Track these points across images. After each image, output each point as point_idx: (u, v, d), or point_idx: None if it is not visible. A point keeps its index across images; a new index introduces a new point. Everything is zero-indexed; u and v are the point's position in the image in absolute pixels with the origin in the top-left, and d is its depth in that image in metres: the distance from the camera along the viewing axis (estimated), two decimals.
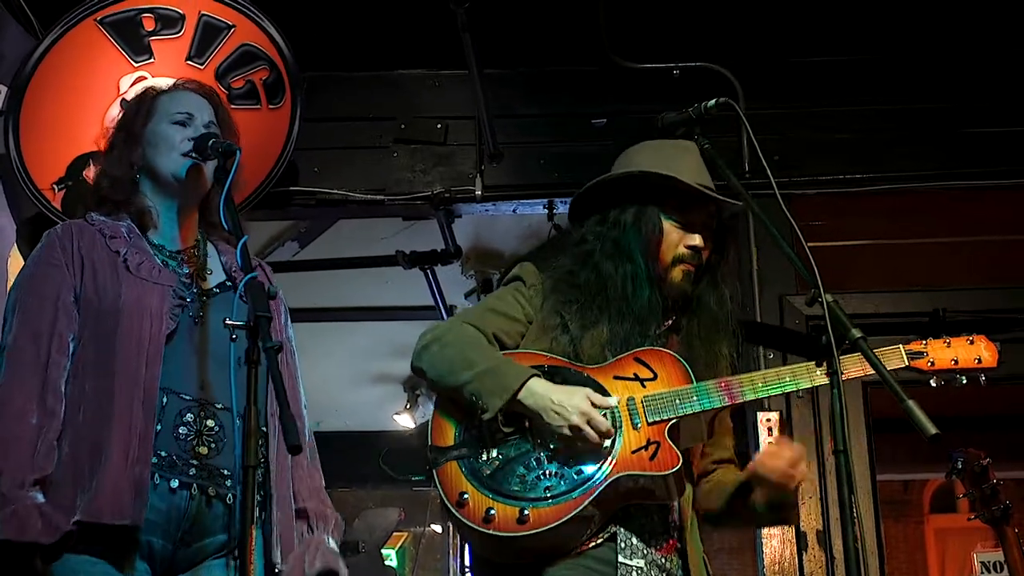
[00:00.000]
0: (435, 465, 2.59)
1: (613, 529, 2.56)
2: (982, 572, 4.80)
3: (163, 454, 2.34)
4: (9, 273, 3.96)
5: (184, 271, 2.53)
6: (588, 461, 2.53)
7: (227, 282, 2.56)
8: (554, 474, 2.53)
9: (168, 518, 2.33)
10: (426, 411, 7.48)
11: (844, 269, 4.74)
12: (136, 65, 4.18)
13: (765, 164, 2.41)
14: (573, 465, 2.53)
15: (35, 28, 4.28)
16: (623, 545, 2.55)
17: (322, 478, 2.63)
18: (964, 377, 2.68)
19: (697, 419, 2.66)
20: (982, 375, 2.68)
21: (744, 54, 4.41)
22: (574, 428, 2.51)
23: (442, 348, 2.65)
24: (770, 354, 4.09)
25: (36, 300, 2.41)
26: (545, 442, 2.56)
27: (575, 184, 2.85)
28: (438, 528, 8.60)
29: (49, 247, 2.47)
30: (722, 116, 2.58)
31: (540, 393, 2.54)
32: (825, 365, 2.33)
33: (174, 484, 2.34)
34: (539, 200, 4.41)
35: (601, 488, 2.49)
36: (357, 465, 6.53)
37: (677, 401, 2.58)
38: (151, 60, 4.18)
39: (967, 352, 2.67)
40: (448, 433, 2.62)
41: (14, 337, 2.38)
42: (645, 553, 2.56)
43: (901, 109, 4.38)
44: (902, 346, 2.66)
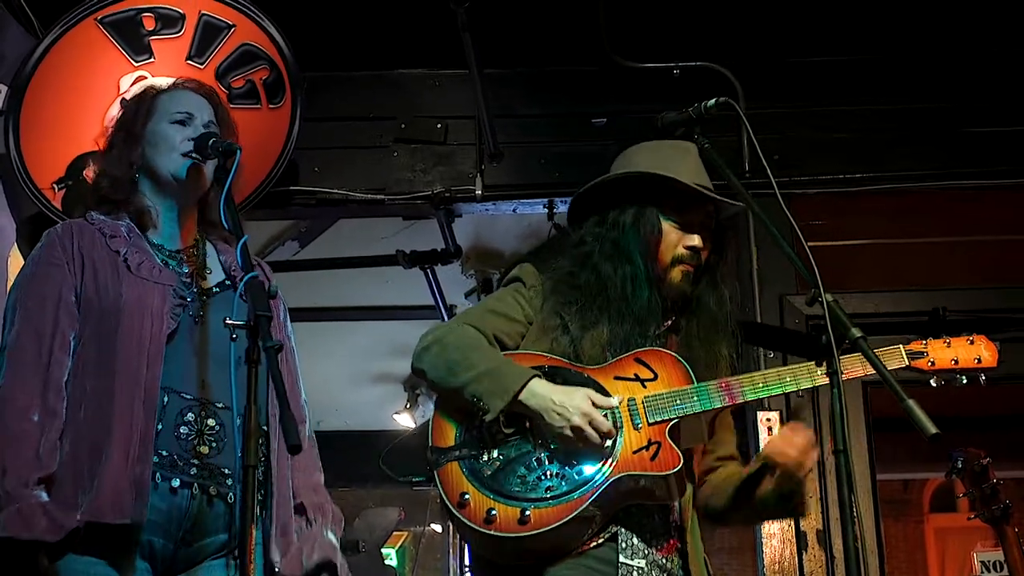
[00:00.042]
0: (436, 466, 2.59)
1: (614, 529, 2.56)
2: (982, 571, 4.79)
3: (164, 453, 2.34)
4: (9, 272, 3.95)
5: (184, 270, 2.52)
6: (589, 461, 2.53)
7: (227, 281, 2.56)
8: (555, 474, 2.52)
9: (169, 517, 2.33)
10: (426, 410, 7.48)
11: (844, 269, 4.74)
12: (136, 65, 4.18)
13: (765, 164, 2.41)
14: (574, 465, 2.53)
15: (35, 28, 4.28)
16: (624, 545, 2.54)
17: (322, 474, 2.62)
18: (964, 377, 2.68)
19: (698, 419, 2.66)
20: (982, 375, 2.68)
21: (744, 54, 4.41)
22: (575, 429, 2.50)
23: (443, 349, 2.64)
24: (770, 354, 4.09)
25: (37, 300, 2.40)
26: (546, 443, 2.56)
27: (575, 184, 2.85)
28: (438, 527, 8.59)
29: (49, 246, 2.47)
30: (722, 116, 2.57)
31: (541, 394, 2.53)
32: (825, 365, 2.32)
33: (175, 483, 2.34)
34: (539, 200, 4.41)
35: (602, 488, 2.49)
36: (357, 465, 6.51)
37: (678, 401, 2.58)
38: (151, 60, 4.18)
39: (967, 352, 2.67)
40: (449, 434, 2.62)
41: (15, 336, 2.37)
42: (646, 553, 2.56)
43: (901, 109, 4.38)
44: (902, 346, 2.66)
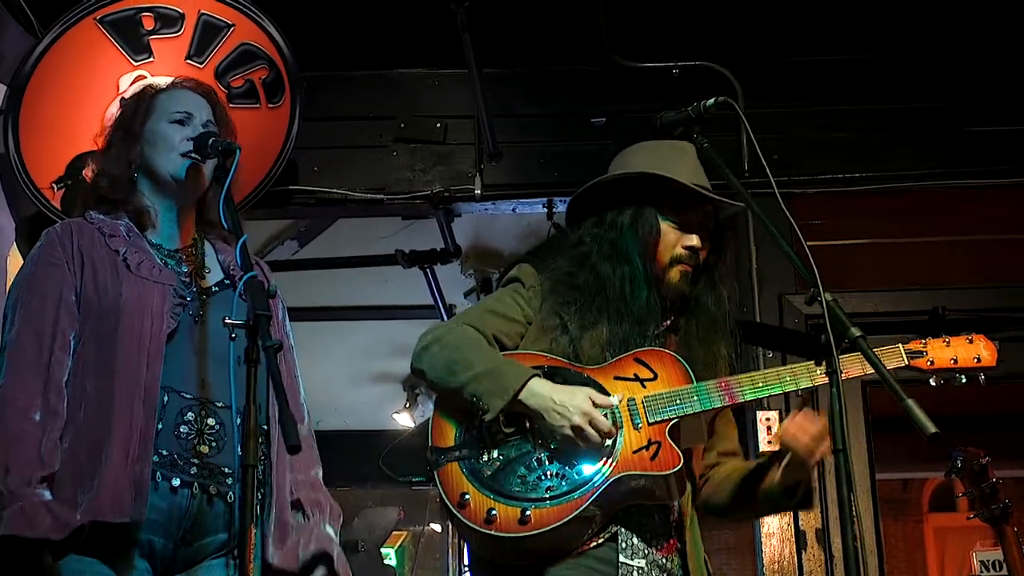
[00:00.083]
0: (436, 466, 2.59)
1: (614, 529, 2.56)
2: (981, 571, 4.79)
3: (164, 453, 2.34)
4: (8, 272, 3.96)
5: (183, 270, 2.52)
6: (589, 461, 2.53)
7: (226, 281, 2.56)
8: (555, 474, 2.52)
9: (169, 517, 2.33)
10: (425, 410, 7.48)
11: (843, 268, 4.75)
12: (136, 64, 4.18)
13: (764, 163, 2.40)
14: (574, 465, 2.53)
15: (35, 27, 4.28)
16: (624, 545, 2.54)
17: (320, 469, 2.61)
18: (963, 376, 2.68)
19: (697, 419, 2.66)
20: (981, 374, 2.67)
21: (743, 53, 4.41)
22: (576, 428, 2.50)
23: (442, 349, 2.64)
24: (769, 353, 4.09)
25: (37, 299, 2.40)
26: (546, 442, 2.56)
27: (574, 183, 2.85)
28: (437, 527, 8.59)
29: (49, 246, 2.46)
30: (721, 115, 2.57)
31: (541, 393, 2.53)
32: (824, 364, 2.32)
33: (175, 483, 2.33)
34: (538, 199, 4.41)
35: (602, 488, 2.49)
36: (357, 464, 6.50)
37: (677, 401, 2.58)
38: (151, 59, 4.18)
39: (966, 351, 2.67)
40: (448, 434, 2.62)
41: (16, 336, 2.37)
42: (646, 553, 2.56)
43: (900, 108, 4.39)
44: (901, 345, 2.66)
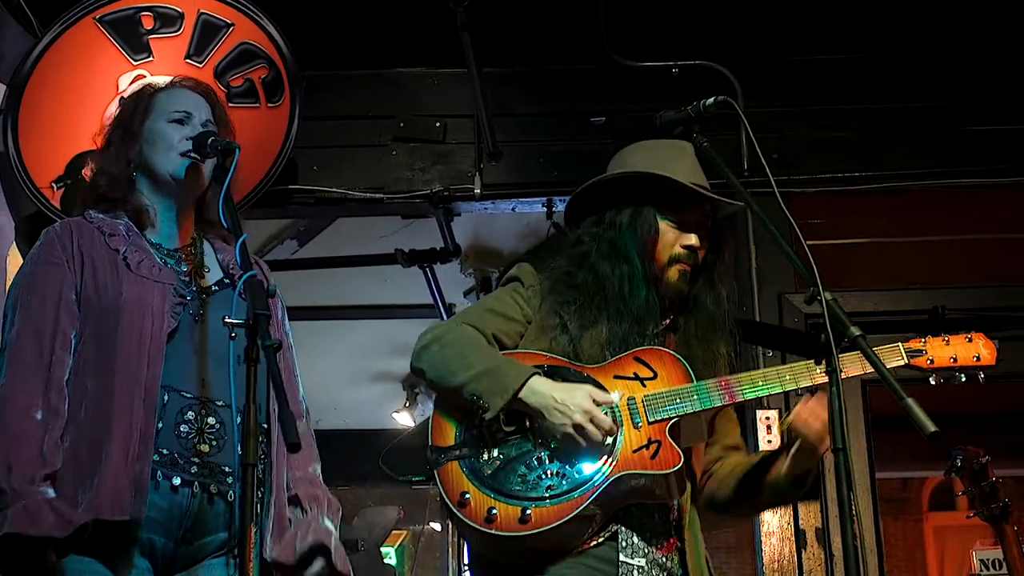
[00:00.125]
0: (436, 465, 2.59)
1: (614, 528, 2.56)
2: (981, 570, 4.79)
3: (164, 452, 2.34)
4: (8, 271, 3.96)
5: (183, 269, 2.52)
6: (589, 460, 2.53)
7: (225, 280, 2.56)
8: (555, 473, 2.52)
9: (170, 516, 2.33)
10: (425, 409, 7.48)
11: (843, 267, 4.74)
12: (135, 63, 4.18)
13: (764, 162, 2.40)
14: (574, 464, 2.53)
15: (34, 27, 4.28)
16: (624, 544, 2.54)
17: (318, 466, 2.61)
18: (963, 375, 2.67)
19: (698, 418, 2.66)
20: (981, 373, 2.67)
21: (743, 52, 4.41)
22: (577, 427, 2.50)
23: (442, 348, 2.64)
24: (769, 353, 4.09)
25: (37, 298, 2.40)
26: (546, 441, 2.55)
27: (574, 183, 2.85)
28: (437, 526, 8.59)
29: (48, 245, 2.46)
30: (721, 114, 2.57)
31: (542, 392, 2.53)
32: (824, 363, 2.31)
33: (176, 482, 2.33)
34: (538, 199, 4.41)
35: (602, 487, 2.49)
36: (356, 463, 6.50)
37: (677, 400, 2.58)
38: (150, 58, 4.18)
39: (966, 350, 2.66)
40: (448, 433, 2.62)
41: (16, 335, 2.37)
42: (646, 552, 2.56)
43: (900, 107, 4.39)
44: (901, 344, 2.65)
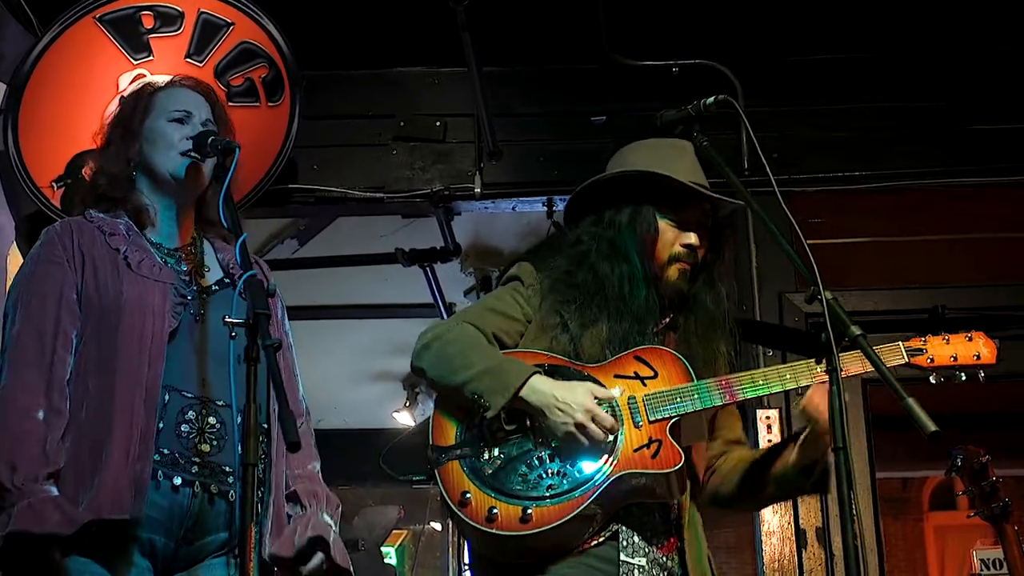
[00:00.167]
0: (437, 465, 2.58)
1: (615, 527, 2.55)
2: (981, 569, 4.79)
3: (165, 452, 2.34)
4: (8, 271, 3.96)
5: (183, 269, 2.52)
6: (590, 459, 2.52)
7: (225, 279, 2.56)
8: (556, 472, 2.52)
9: (171, 515, 2.33)
10: (426, 409, 7.48)
11: (843, 266, 4.74)
12: (135, 63, 4.18)
13: (764, 162, 2.40)
14: (575, 463, 2.53)
15: (34, 26, 4.28)
16: (625, 543, 2.54)
17: (318, 464, 2.61)
18: (963, 373, 2.67)
19: (698, 417, 2.66)
20: (981, 371, 2.67)
21: (743, 52, 4.41)
22: (579, 426, 2.50)
23: (442, 347, 2.64)
24: (769, 352, 4.09)
25: (38, 298, 2.40)
26: (547, 440, 2.55)
27: (574, 182, 2.84)
28: (438, 526, 8.59)
29: (49, 245, 2.46)
30: (721, 114, 2.57)
31: (543, 390, 2.53)
32: (825, 362, 2.31)
33: (177, 482, 2.34)
34: (538, 198, 4.41)
35: (603, 487, 2.49)
36: (357, 463, 6.50)
37: (678, 399, 2.58)
38: (150, 58, 4.18)
39: (966, 348, 2.66)
40: (449, 432, 2.62)
41: (17, 335, 2.37)
42: (647, 551, 2.55)
43: (900, 107, 4.39)
44: (901, 343, 2.65)
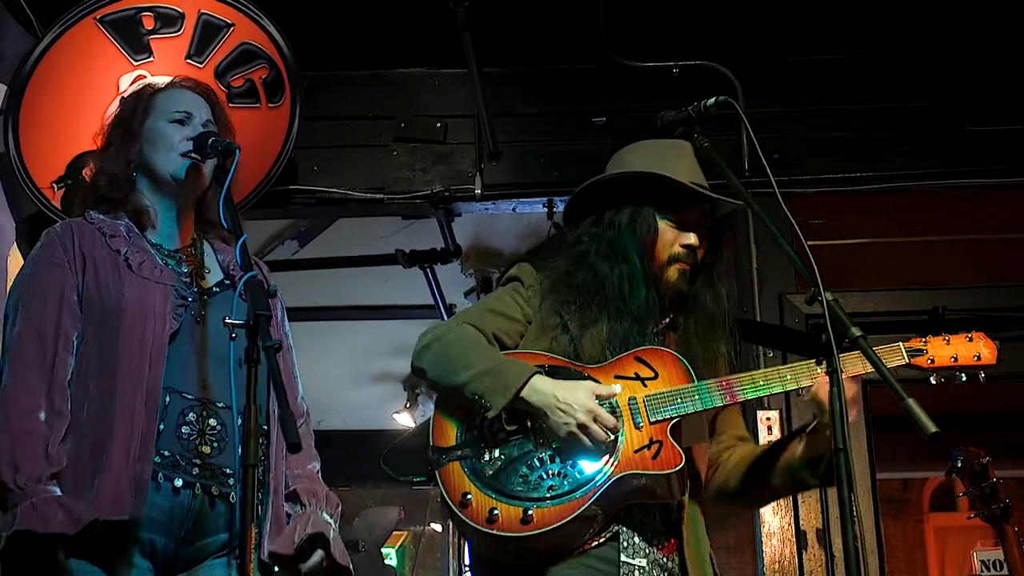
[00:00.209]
0: (437, 466, 2.58)
1: (615, 528, 2.55)
2: (982, 570, 4.79)
3: (166, 454, 2.34)
4: (9, 272, 3.96)
5: (183, 270, 2.52)
6: (591, 460, 2.53)
7: (226, 281, 2.56)
8: (557, 473, 2.52)
9: (171, 516, 2.34)
10: (426, 410, 7.47)
11: (844, 267, 4.74)
12: (136, 64, 4.18)
13: (765, 162, 2.40)
14: (576, 464, 2.53)
15: (35, 27, 4.28)
16: (625, 544, 2.54)
17: (317, 464, 2.61)
18: (964, 374, 2.67)
19: (699, 418, 2.66)
20: (981, 372, 2.67)
21: (744, 52, 4.40)
22: (581, 426, 2.50)
23: (443, 348, 2.64)
24: (770, 353, 4.09)
25: (39, 299, 2.40)
26: (548, 441, 2.55)
27: (574, 183, 2.85)
28: (438, 527, 8.59)
29: (49, 246, 2.46)
30: (722, 114, 2.57)
31: (544, 391, 2.53)
32: (825, 363, 2.32)
33: (178, 483, 2.34)
34: (538, 199, 4.41)
35: (604, 487, 2.49)
36: (357, 464, 6.51)
37: (679, 400, 2.58)
38: (151, 59, 4.18)
39: (966, 349, 2.66)
40: (450, 433, 2.62)
41: (18, 336, 2.37)
42: (647, 552, 2.56)
43: (900, 107, 4.38)
44: (902, 343, 2.65)
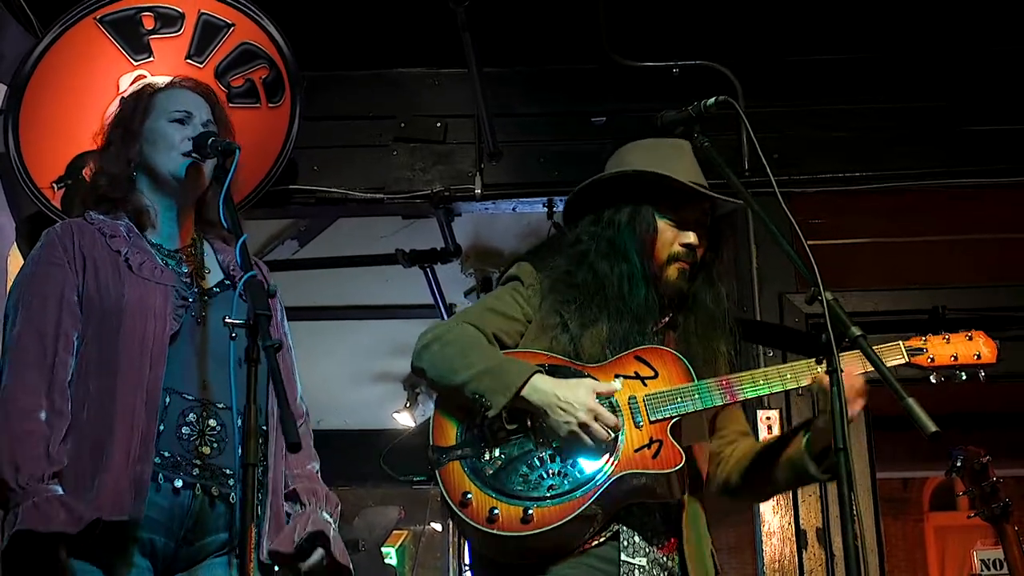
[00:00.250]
0: (437, 465, 2.58)
1: (616, 528, 2.56)
2: (982, 570, 4.79)
3: (166, 454, 2.34)
4: (9, 272, 3.96)
5: (183, 270, 2.52)
6: (591, 459, 2.53)
7: (226, 281, 2.56)
8: (557, 473, 2.52)
9: (171, 516, 2.34)
10: (426, 409, 7.48)
11: (844, 267, 4.74)
12: (136, 64, 4.18)
13: (765, 162, 2.40)
14: (576, 464, 2.53)
15: (35, 27, 4.28)
16: (626, 543, 2.54)
17: (317, 464, 2.61)
18: (964, 373, 2.67)
19: (699, 417, 2.66)
20: (981, 371, 2.67)
21: (744, 52, 4.41)
22: (582, 425, 2.50)
23: (443, 347, 2.64)
24: (770, 352, 4.09)
25: (39, 299, 2.40)
26: (548, 440, 2.56)
27: (574, 182, 2.85)
28: (438, 526, 8.59)
29: (49, 246, 2.46)
30: (722, 114, 2.57)
31: (544, 390, 2.53)
32: (825, 363, 2.32)
33: (178, 484, 2.34)
34: (538, 199, 4.41)
35: (604, 487, 2.49)
36: (357, 463, 6.51)
37: (679, 399, 2.58)
38: (151, 59, 4.18)
39: (966, 348, 2.66)
40: (450, 433, 2.62)
41: (18, 336, 2.37)
42: (647, 551, 2.56)
43: (900, 107, 4.38)
44: (902, 343, 2.65)
